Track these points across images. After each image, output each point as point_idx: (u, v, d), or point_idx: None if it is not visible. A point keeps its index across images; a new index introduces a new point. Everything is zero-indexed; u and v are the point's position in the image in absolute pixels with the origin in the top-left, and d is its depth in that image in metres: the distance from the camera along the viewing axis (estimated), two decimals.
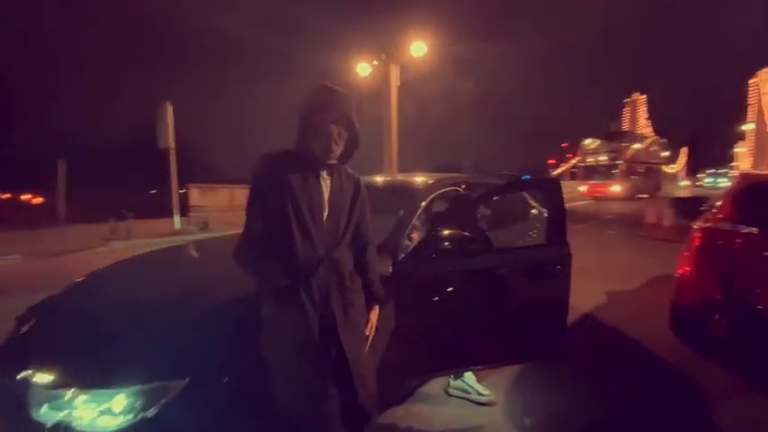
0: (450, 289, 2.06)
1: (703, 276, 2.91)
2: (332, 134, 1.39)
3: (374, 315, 1.58)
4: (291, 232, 1.33)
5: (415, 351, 1.96)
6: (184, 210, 12.64)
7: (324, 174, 1.42)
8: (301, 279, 1.33)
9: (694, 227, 4.00)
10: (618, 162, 28.68)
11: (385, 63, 20.41)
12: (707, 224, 3.00)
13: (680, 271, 3.25)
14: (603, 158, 30.05)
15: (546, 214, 2.61)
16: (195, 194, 15.14)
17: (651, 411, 2.40)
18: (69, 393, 1.32)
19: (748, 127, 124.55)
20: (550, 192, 2.30)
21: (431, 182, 2.61)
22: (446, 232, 2.07)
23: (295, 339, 1.32)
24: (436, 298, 2.04)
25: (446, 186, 2.70)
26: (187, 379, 1.33)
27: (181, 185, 12.53)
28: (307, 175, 1.38)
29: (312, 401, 1.32)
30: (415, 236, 2.25)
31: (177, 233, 9.83)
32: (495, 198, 2.68)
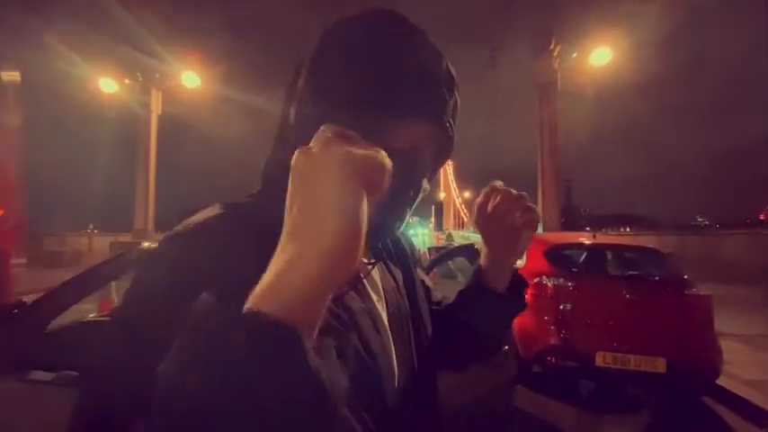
0: None
1: (539, 326, 3.33)
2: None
3: None
4: None
5: None
6: None
7: None
8: None
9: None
10: None
11: (142, 85, 17.31)
12: (535, 279, 3.47)
13: (518, 322, 3.64)
14: None
15: None
16: None
17: None
18: None
19: (442, 194, 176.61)
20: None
21: None
22: None
23: None
24: None
25: None
26: None
27: None
28: None
29: None
30: None
31: None
32: None
